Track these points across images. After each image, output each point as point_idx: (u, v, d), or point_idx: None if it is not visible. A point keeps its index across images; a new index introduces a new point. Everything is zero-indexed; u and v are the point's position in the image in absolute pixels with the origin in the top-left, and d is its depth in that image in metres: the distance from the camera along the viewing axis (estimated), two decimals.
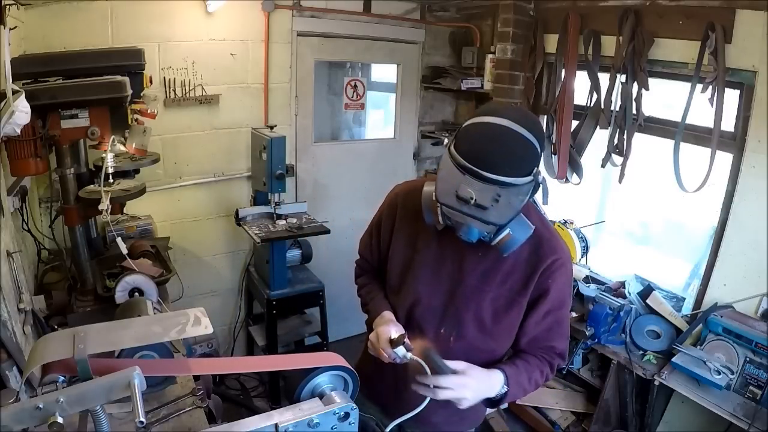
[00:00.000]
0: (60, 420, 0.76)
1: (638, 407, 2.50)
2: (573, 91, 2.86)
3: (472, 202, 1.07)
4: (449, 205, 1.11)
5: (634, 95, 2.57)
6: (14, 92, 1.43)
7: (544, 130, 3.10)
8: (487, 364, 1.32)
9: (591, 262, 3.01)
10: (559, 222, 3.03)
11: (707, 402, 2.13)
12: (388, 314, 1.39)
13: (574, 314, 2.63)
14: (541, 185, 1.15)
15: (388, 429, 1.23)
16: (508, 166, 1.07)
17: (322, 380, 0.97)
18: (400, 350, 1.22)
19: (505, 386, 1.29)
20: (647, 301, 2.56)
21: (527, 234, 1.18)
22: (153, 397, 1.38)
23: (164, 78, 2.83)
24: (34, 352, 0.87)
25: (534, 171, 1.12)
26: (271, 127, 2.98)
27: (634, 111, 2.58)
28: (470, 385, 1.22)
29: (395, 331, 1.29)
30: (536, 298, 1.31)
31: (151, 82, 2.28)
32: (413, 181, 1.47)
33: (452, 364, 1.22)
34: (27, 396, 0.96)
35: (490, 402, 1.33)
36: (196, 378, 1.50)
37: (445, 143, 1.17)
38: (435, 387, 1.19)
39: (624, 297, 2.61)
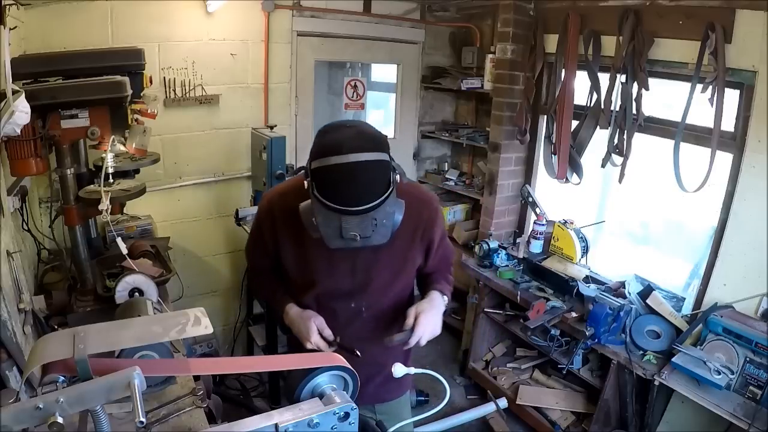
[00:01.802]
0: (60, 420, 0.76)
1: (638, 407, 2.50)
2: (573, 91, 2.86)
3: (357, 239, 1.19)
4: (340, 247, 1.23)
5: (634, 95, 2.57)
6: (14, 92, 1.43)
7: (545, 131, 3.10)
8: (397, 313, 1.52)
9: (591, 262, 3.01)
10: (559, 222, 3.03)
11: (707, 402, 2.13)
12: (295, 309, 1.51)
13: (574, 314, 2.63)
14: (397, 173, 1.25)
15: (392, 430, 1.24)
16: (372, 193, 1.18)
17: (322, 380, 0.97)
18: (399, 369, 1.31)
19: (445, 296, 1.55)
20: (647, 301, 2.55)
21: (402, 211, 1.26)
22: (153, 397, 1.38)
23: (164, 78, 2.84)
24: (34, 352, 0.87)
25: (390, 179, 1.22)
26: (271, 127, 2.98)
27: (634, 111, 2.58)
28: (430, 318, 1.44)
29: (322, 328, 1.44)
30: (428, 245, 1.53)
31: (151, 82, 2.28)
32: (279, 186, 1.57)
33: (407, 321, 1.42)
34: (27, 396, 0.96)
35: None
36: (196, 378, 1.50)
37: (305, 185, 1.25)
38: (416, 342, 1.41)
39: (624, 297, 2.61)
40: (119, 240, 2.04)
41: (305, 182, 1.22)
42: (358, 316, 1.52)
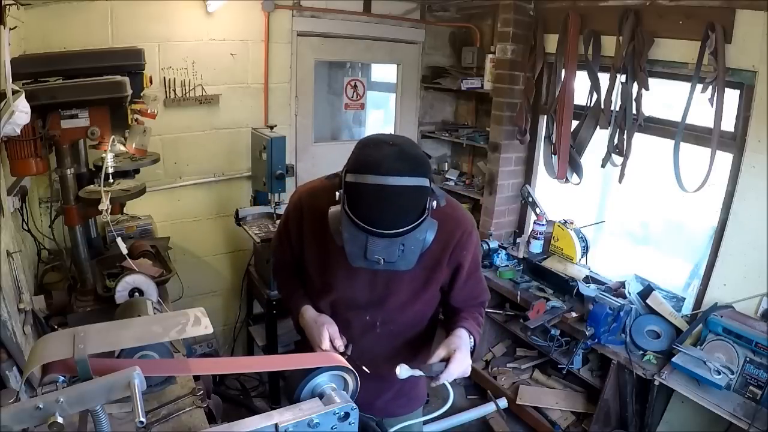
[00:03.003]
0: (60, 420, 0.76)
1: (638, 407, 2.50)
2: (573, 91, 2.86)
3: (381, 263, 1.16)
4: (362, 266, 1.19)
5: (634, 95, 2.57)
6: (14, 92, 1.43)
7: (545, 131, 3.10)
8: (414, 334, 1.50)
9: (591, 262, 3.01)
10: (559, 222, 3.03)
11: (707, 402, 2.13)
12: (311, 312, 1.46)
13: (574, 314, 2.64)
14: (435, 198, 1.19)
15: (392, 430, 1.24)
16: (405, 220, 1.13)
17: (322, 380, 0.97)
18: (404, 371, 1.30)
19: (472, 337, 1.43)
20: (647, 301, 2.55)
21: (434, 233, 1.21)
22: (153, 397, 1.38)
23: (164, 78, 2.84)
24: (34, 352, 0.88)
25: (426, 206, 1.17)
26: (271, 127, 2.98)
27: (634, 111, 2.58)
28: (461, 357, 1.34)
29: (335, 337, 1.37)
30: (456, 268, 1.44)
31: (151, 82, 2.28)
32: (312, 182, 1.51)
33: (437, 354, 1.34)
34: (27, 396, 0.96)
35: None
36: (196, 378, 1.50)
37: (337, 196, 1.18)
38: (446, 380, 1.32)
39: (624, 297, 2.61)
40: (119, 240, 2.04)
41: (337, 193, 1.18)
42: (371, 330, 1.48)
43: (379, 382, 1.38)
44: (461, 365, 1.32)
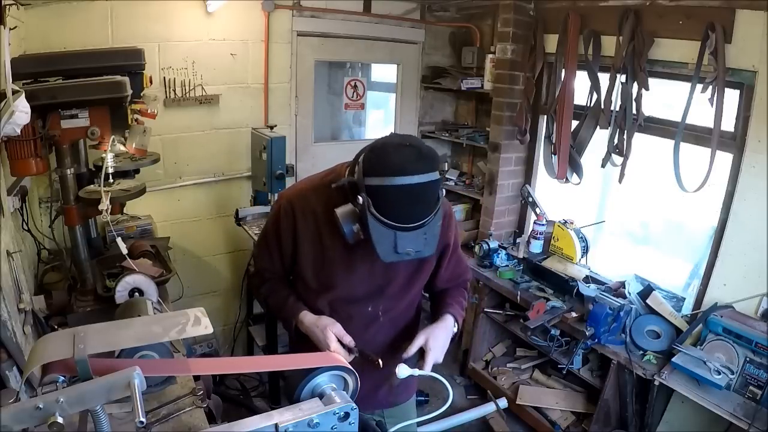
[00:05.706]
0: (60, 420, 0.76)
1: (638, 407, 2.50)
2: (573, 91, 2.86)
3: (412, 254, 1.23)
4: (394, 260, 1.26)
5: (634, 95, 2.57)
6: (14, 92, 1.43)
7: (545, 131, 3.10)
8: (410, 317, 1.58)
9: (591, 262, 3.01)
10: (559, 222, 3.03)
11: (707, 402, 2.13)
12: (310, 316, 1.46)
13: (574, 314, 2.64)
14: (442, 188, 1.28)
15: (392, 430, 1.25)
16: (429, 211, 1.22)
17: (322, 380, 0.97)
18: (404, 371, 1.34)
19: (456, 322, 1.53)
20: (647, 301, 2.55)
21: (439, 223, 1.28)
22: (153, 397, 1.38)
23: (164, 78, 2.84)
24: (34, 352, 0.88)
25: (439, 195, 1.26)
26: (271, 127, 2.98)
27: (634, 111, 2.58)
28: (438, 345, 1.43)
29: (341, 336, 1.39)
30: (443, 249, 1.53)
31: (151, 82, 2.28)
32: (296, 185, 1.56)
33: (414, 344, 1.41)
34: (27, 396, 0.96)
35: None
36: (196, 378, 1.50)
37: (360, 201, 1.21)
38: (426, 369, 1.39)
39: (624, 297, 2.61)
40: (119, 240, 2.04)
41: (359, 197, 1.21)
42: (375, 321, 1.52)
43: (382, 372, 1.40)
44: (437, 355, 1.42)
